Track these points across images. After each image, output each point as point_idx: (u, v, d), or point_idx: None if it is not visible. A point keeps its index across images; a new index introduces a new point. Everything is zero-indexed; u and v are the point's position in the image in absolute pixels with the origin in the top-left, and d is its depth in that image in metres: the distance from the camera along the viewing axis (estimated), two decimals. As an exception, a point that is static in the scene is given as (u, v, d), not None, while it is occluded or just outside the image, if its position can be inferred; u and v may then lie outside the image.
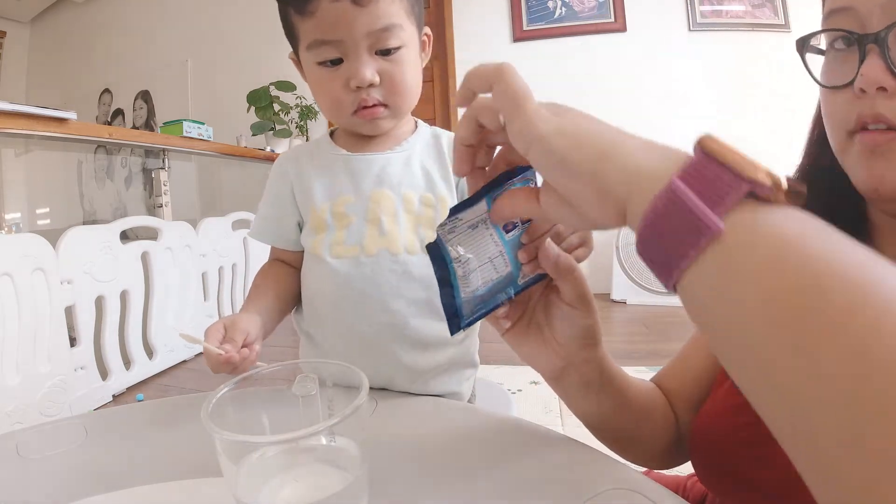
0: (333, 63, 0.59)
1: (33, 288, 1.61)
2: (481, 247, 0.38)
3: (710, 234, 0.22)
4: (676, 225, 0.23)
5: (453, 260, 0.38)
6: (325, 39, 0.58)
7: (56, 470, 0.45)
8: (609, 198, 0.27)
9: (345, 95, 0.60)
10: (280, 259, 0.72)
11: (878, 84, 0.35)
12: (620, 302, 2.98)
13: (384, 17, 0.57)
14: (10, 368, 1.54)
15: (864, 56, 0.35)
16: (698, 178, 0.24)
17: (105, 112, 4.21)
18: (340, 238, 0.63)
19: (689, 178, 0.24)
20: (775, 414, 0.20)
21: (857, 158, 0.38)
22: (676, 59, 3.01)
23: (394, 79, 0.60)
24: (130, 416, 0.57)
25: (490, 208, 0.37)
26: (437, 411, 0.53)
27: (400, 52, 0.60)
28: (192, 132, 2.59)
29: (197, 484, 0.41)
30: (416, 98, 0.65)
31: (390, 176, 0.64)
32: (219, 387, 0.36)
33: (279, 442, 0.33)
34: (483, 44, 3.25)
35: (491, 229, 0.38)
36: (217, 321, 0.57)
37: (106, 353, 1.96)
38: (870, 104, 0.36)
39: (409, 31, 0.60)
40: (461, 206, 0.37)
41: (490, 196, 0.37)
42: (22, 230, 3.48)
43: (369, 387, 0.34)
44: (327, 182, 0.66)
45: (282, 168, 0.70)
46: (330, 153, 0.68)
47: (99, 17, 4.17)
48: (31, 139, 2.01)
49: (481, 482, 0.40)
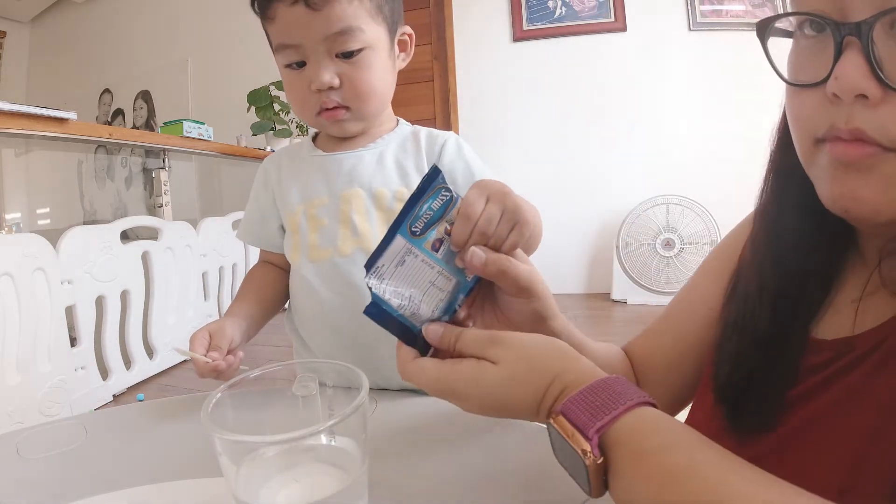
0: (298, 65, 0.60)
1: (34, 288, 1.61)
2: (417, 277, 0.39)
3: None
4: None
5: (397, 309, 0.38)
6: (285, 43, 0.59)
7: (56, 470, 0.45)
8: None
9: (308, 97, 0.61)
10: (268, 261, 0.74)
11: (856, 91, 0.28)
12: (620, 302, 2.98)
13: (340, 21, 0.57)
14: (11, 368, 1.54)
15: (841, 51, 0.28)
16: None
17: (105, 112, 4.21)
18: (315, 241, 0.64)
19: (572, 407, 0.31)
20: None
21: (824, 171, 0.32)
22: (676, 58, 3.00)
23: (354, 82, 0.60)
24: (130, 416, 0.57)
25: (409, 238, 0.38)
26: (437, 411, 0.53)
27: (362, 54, 0.59)
28: (193, 132, 2.58)
29: (197, 484, 0.41)
30: (384, 100, 0.65)
31: (361, 174, 0.64)
32: (219, 387, 0.36)
33: (279, 442, 0.33)
34: (483, 43, 3.25)
35: (421, 255, 0.38)
36: (202, 328, 0.58)
37: (106, 353, 1.96)
38: (845, 113, 0.29)
39: (372, 32, 0.60)
40: (376, 253, 0.38)
41: (404, 226, 0.38)
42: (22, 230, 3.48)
43: (369, 387, 0.34)
44: (302, 185, 0.67)
45: (265, 171, 0.72)
46: (308, 155, 0.69)
47: (99, 17, 4.17)
48: (32, 139, 2.01)
49: (481, 482, 0.40)
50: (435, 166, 0.38)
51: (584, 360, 0.34)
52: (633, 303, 2.94)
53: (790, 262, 0.38)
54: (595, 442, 0.28)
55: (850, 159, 0.29)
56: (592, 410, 0.29)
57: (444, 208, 0.39)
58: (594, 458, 0.28)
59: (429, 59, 3.37)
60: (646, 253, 2.91)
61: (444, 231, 0.39)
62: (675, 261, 2.85)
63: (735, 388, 0.40)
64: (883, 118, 0.28)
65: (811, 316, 0.38)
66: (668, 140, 3.03)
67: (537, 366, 0.34)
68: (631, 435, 0.28)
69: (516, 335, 0.35)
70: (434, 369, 0.36)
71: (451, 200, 0.39)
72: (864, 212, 0.30)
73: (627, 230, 2.95)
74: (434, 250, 0.39)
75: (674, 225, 2.87)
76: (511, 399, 0.34)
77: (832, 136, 0.30)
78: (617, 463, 0.28)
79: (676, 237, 2.86)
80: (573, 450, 0.29)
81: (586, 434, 0.29)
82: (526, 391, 0.33)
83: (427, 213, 0.38)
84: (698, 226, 2.81)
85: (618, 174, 3.11)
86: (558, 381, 0.33)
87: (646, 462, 0.27)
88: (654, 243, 2.89)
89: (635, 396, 0.30)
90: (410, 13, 3.53)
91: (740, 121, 2.83)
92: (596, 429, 0.28)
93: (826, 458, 0.33)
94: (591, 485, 0.29)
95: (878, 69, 0.27)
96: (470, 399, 0.35)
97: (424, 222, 0.38)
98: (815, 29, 0.31)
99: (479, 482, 0.40)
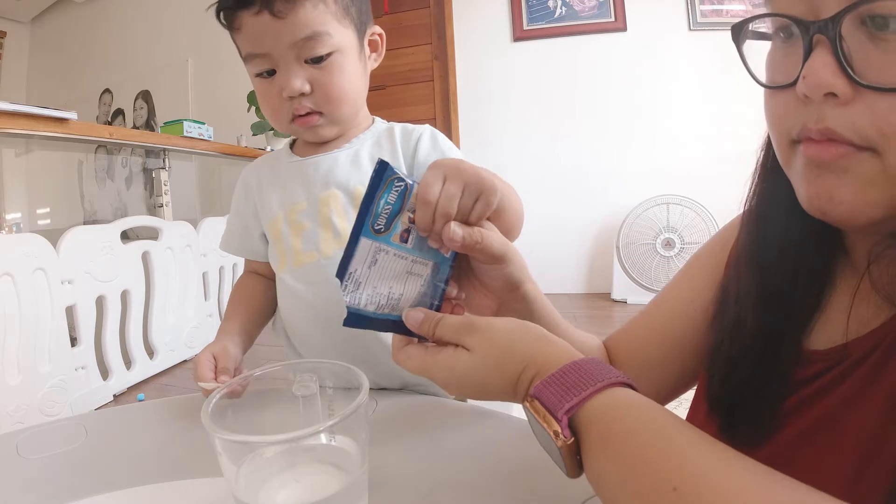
0: (269, 74, 0.60)
1: (34, 288, 1.61)
2: (393, 271, 0.39)
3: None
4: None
5: (376, 310, 0.39)
6: (254, 52, 0.59)
7: (56, 470, 0.45)
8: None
9: (280, 105, 0.61)
10: (254, 270, 0.74)
11: (825, 89, 0.27)
12: (621, 301, 2.98)
13: (307, 27, 0.56)
14: (12, 368, 1.54)
15: (811, 50, 0.28)
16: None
17: (105, 112, 4.20)
18: (298, 246, 0.64)
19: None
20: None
21: (800, 172, 0.31)
22: (677, 58, 3.00)
23: (325, 87, 0.60)
24: (130, 416, 0.57)
25: (374, 237, 0.38)
26: (437, 411, 0.53)
27: (332, 58, 0.59)
28: (193, 132, 2.58)
29: (197, 484, 0.41)
30: (357, 102, 0.64)
31: (336, 175, 0.64)
32: (218, 388, 0.36)
33: (279, 442, 0.33)
34: (483, 43, 3.25)
35: (391, 250, 0.39)
36: (204, 351, 0.58)
37: (107, 353, 1.96)
38: (816, 112, 0.29)
39: (341, 36, 0.59)
40: (345, 260, 0.38)
41: (366, 227, 0.38)
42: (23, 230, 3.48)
43: (369, 387, 0.34)
44: (281, 191, 0.67)
45: (245, 181, 0.72)
46: (286, 161, 0.69)
47: (99, 16, 4.17)
48: (32, 139, 2.01)
49: (481, 482, 0.40)
50: (380, 160, 0.38)
51: (558, 343, 0.35)
52: (633, 303, 2.94)
53: (778, 268, 0.38)
54: (565, 423, 0.29)
55: (824, 160, 0.29)
56: (563, 392, 0.30)
57: (401, 198, 0.38)
58: (565, 440, 0.29)
59: (429, 59, 3.37)
60: (646, 253, 2.91)
61: (408, 220, 0.39)
62: (676, 261, 2.85)
63: (728, 400, 0.40)
64: (853, 116, 0.27)
65: (803, 324, 0.38)
66: (668, 140, 3.03)
67: (510, 352, 0.35)
68: (600, 416, 0.29)
69: (490, 322, 0.36)
70: (417, 358, 0.38)
71: (407, 188, 0.39)
72: (841, 213, 0.29)
73: (628, 230, 2.95)
74: (403, 241, 0.39)
75: (674, 225, 2.86)
76: (487, 385, 0.35)
77: (805, 137, 0.30)
78: (587, 444, 0.29)
79: (677, 237, 2.86)
80: (546, 431, 0.30)
81: (556, 416, 0.29)
82: (500, 377, 0.34)
83: (385, 208, 0.38)
84: (699, 226, 2.81)
85: (618, 174, 3.11)
86: (531, 365, 0.33)
87: (613, 444, 0.28)
88: (654, 243, 2.89)
89: (609, 376, 0.30)
90: (410, 13, 3.55)
91: (741, 120, 2.83)
92: (565, 410, 0.29)
93: (824, 469, 0.33)
94: (566, 465, 0.30)
95: (847, 66, 0.27)
96: (449, 385, 0.37)
97: (386, 217, 0.38)
98: (785, 34, 0.31)
99: (479, 482, 0.40)
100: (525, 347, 0.35)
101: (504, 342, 0.35)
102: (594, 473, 0.29)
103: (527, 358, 0.34)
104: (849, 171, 0.28)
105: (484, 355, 0.35)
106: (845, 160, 0.28)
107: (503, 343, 0.35)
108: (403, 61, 3.40)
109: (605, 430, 0.28)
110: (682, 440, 0.27)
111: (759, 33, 0.33)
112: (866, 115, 0.27)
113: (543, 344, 0.35)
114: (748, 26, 0.33)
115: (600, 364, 0.32)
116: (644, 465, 0.26)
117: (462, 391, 0.37)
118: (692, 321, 0.48)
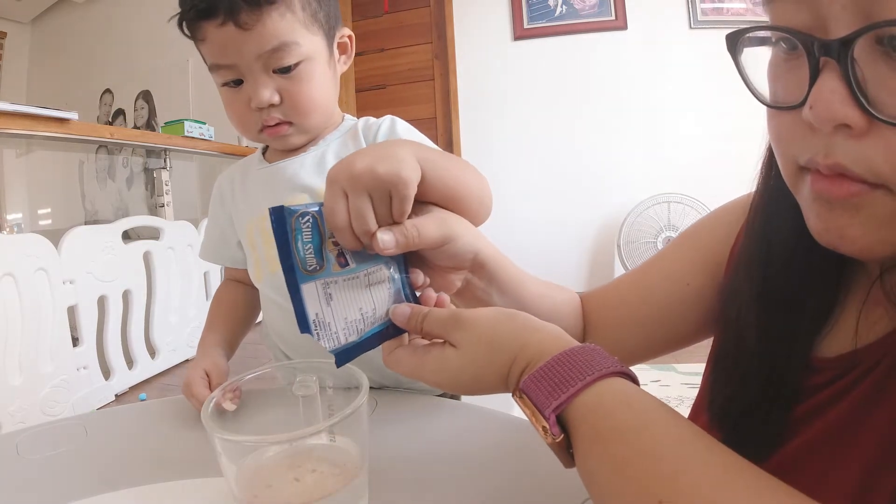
0: (235, 83, 0.58)
1: (36, 288, 1.61)
2: (352, 294, 0.37)
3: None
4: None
5: (359, 336, 0.37)
6: (219, 63, 0.57)
7: (56, 470, 0.45)
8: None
9: (248, 115, 0.59)
10: (233, 278, 0.74)
11: (834, 121, 0.24)
12: (622, 300, 2.98)
13: (273, 38, 0.55)
14: (13, 368, 1.55)
15: (818, 73, 0.24)
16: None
17: (106, 112, 4.20)
18: (272, 255, 0.63)
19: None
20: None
21: (809, 203, 0.29)
22: (677, 56, 2.99)
23: (294, 97, 0.58)
24: (130, 416, 0.57)
25: (314, 277, 0.36)
26: (437, 411, 0.53)
27: (300, 67, 0.57)
28: (194, 132, 2.59)
29: (197, 484, 0.41)
30: (327, 111, 0.63)
31: (302, 178, 0.63)
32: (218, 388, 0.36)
33: (279, 442, 0.32)
34: (484, 42, 3.24)
35: (339, 278, 0.36)
36: (194, 368, 0.58)
37: (108, 353, 1.97)
38: (825, 145, 0.25)
39: (309, 43, 0.58)
40: (300, 314, 0.35)
41: (299, 275, 0.35)
42: (24, 230, 3.49)
43: (369, 387, 0.34)
44: (251, 200, 0.66)
45: (220, 190, 0.71)
46: (255, 168, 0.68)
47: (100, 17, 4.17)
48: (33, 139, 2.02)
49: (481, 482, 0.40)
50: (270, 208, 0.35)
51: (547, 330, 0.34)
52: (634, 301, 2.94)
53: (785, 273, 0.36)
54: (553, 421, 0.28)
55: (834, 196, 0.26)
56: (552, 388, 0.29)
57: (316, 229, 0.36)
58: (553, 437, 0.28)
59: (429, 59, 3.37)
60: (647, 251, 2.91)
61: (334, 245, 0.37)
62: (677, 259, 2.85)
63: (734, 413, 0.38)
64: (867, 151, 0.24)
65: (812, 331, 0.36)
66: (668, 138, 3.03)
67: (497, 345, 0.34)
68: (589, 413, 0.28)
69: (476, 315, 0.35)
70: (406, 362, 0.37)
71: (315, 218, 0.36)
72: (852, 250, 0.27)
73: (629, 228, 2.94)
74: (343, 265, 0.37)
75: (675, 223, 2.86)
76: (479, 381, 0.34)
77: (813, 168, 0.27)
78: (577, 441, 0.28)
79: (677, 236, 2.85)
80: (536, 427, 0.30)
81: (544, 414, 0.29)
82: (490, 371, 0.34)
83: (306, 248, 0.35)
84: (700, 224, 2.80)
85: (618, 172, 3.11)
86: (520, 357, 0.32)
87: (601, 443, 0.27)
88: (655, 241, 2.89)
89: (602, 367, 0.29)
90: (411, 12, 3.55)
91: (741, 118, 2.82)
92: (552, 408, 0.28)
93: (832, 479, 0.32)
94: (559, 459, 0.30)
95: (861, 94, 0.23)
96: (441, 385, 0.36)
97: (312, 256, 0.36)
98: (788, 45, 0.27)
99: (479, 482, 0.40)
100: (512, 339, 0.33)
101: (491, 336, 0.34)
102: (584, 471, 0.29)
103: (514, 350, 0.33)
104: (861, 209, 0.26)
105: (473, 352, 0.34)
106: (857, 199, 0.25)
107: (489, 336, 0.34)
108: (404, 60, 3.40)
109: (594, 429, 0.27)
110: (675, 443, 0.25)
111: (759, 39, 0.29)
112: (881, 151, 0.24)
113: (531, 333, 0.34)
114: (746, 35, 0.29)
115: (593, 352, 0.30)
116: (631, 471, 0.25)
117: (456, 390, 0.36)
118: (679, 294, 0.47)
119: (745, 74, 0.30)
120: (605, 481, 0.27)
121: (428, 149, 0.40)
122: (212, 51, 0.57)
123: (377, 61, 3.42)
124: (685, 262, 0.49)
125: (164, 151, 2.47)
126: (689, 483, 0.23)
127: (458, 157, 0.46)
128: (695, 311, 0.48)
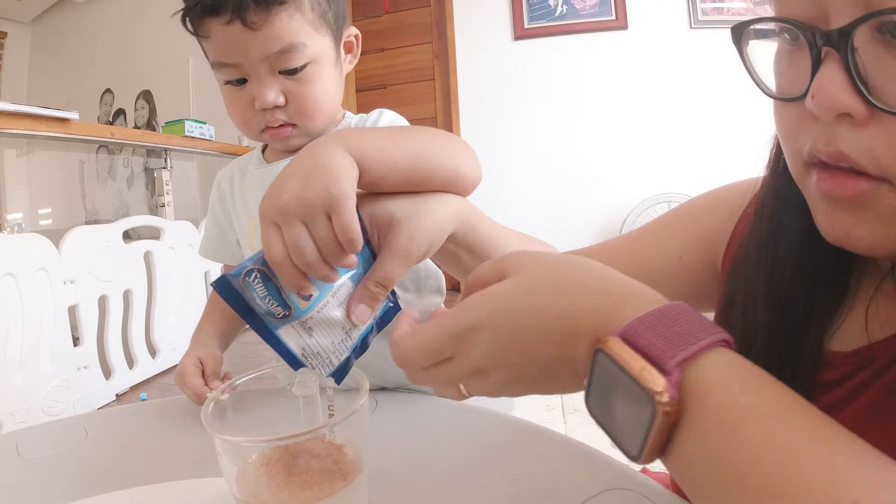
0: (239, 82, 0.57)
1: (36, 288, 1.61)
2: (331, 317, 0.37)
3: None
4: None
5: (351, 351, 0.38)
6: (223, 62, 0.56)
7: (56, 470, 0.45)
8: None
9: (251, 115, 0.58)
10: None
11: (835, 110, 0.24)
12: (622, 300, 2.98)
13: (282, 38, 0.53)
14: (14, 368, 1.55)
15: (819, 63, 0.24)
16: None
17: (107, 112, 4.21)
18: None
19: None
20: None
21: (816, 201, 0.29)
22: (678, 56, 2.99)
23: (300, 100, 0.57)
24: (130, 416, 0.57)
25: (285, 322, 0.36)
26: (437, 411, 0.53)
27: (307, 69, 0.56)
28: (194, 132, 2.59)
29: (197, 484, 0.41)
30: (331, 114, 0.62)
31: None
32: (218, 388, 0.36)
33: (279, 442, 0.32)
34: (484, 42, 3.24)
35: (312, 313, 0.36)
36: (188, 357, 0.57)
37: (109, 353, 1.97)
38: (827, 133, 0.25)
39: (317, 45, 0.57)
40: (288, 358, 0.36)
41: (271, 326, 0.35)
42: (24, 230, 3.49)
43: (369, 387, 0.34)
44: (249, 200, 0.66)
45: (219, 188, 0.71)
46: (254, 168, 0.67)
47: (100, 17, 4.17)
48: (33, 139, 2.02)
49: (481, 482, 0.40)
50: (213, 285, 0.34)
51: (629, 278, 0.27)
52: (634, 301, 2.94)
53: (794, 269, 0.35)
54: (675, 379, 0.21)
55: (838, 194, 0.26)
56: (669, 337, 0.22)
57: (267, 280, 0.35)
58: (672, 403, 0.21)
59: (430, 58, 3.37)
60: (648, 251, 2.91)
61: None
62: (677, 259, 2.85)
63: None
64: (869, 140, 0.24)
65: (824, 326, 0.35)
66: (669, 138, 3.02)
67: (570, 276, 0.26)
68: (720, 380, 0.21)
69: (536, 252, 0.28)
70: (431, 326, 0.28)
71: (260, 270, 0.34)
72: (860, 249, 0.27)
73: (629, 228, 2.94)
74: (308, 298, 0.36)
75: (676, 223, 2.86)
76: (536, 313, 0.26)
77: (816, 160, 0.27)
78: (693, 419, 0.21)
79: (678, 235, 2.85)
80: (637, 390, 0.21)
81: (663, 367, 0.21)
82: (556, 304, 0.25)
83: (267, 301, 0.35)
84: (700, 224, 2.80)
85: (619, 172, 3.10)
86: (603, 293, 0.25)
87: (734, 432, 0.20)
88: (655, 242, 2.89)
89: (713, 330, 0.22)
90: (411, 11, 3.54)
91: (742, 118, 2.82)
92: (677, 361, 0.21)
93: None
94: (645, 444, 0.22)
95: (861, 83, 0.23)
96: (480, 325, 0.26)
97: (277, 304, 0.35)
98: (791, 36, 0.27)
99: (479, 482, 0.40)
100: (588, 271, 0.26)
101: (562, 265, 0.27)
102: (703, 458, 0.21)
103: (593, 285, 0.26)
104: (867, 208, 0.26)
105: (534, 274, 0.26)
106: (863, 199, 0.25)
107: (560, 265, 0.27)
108: (404, 60, 3.40)
109: (727, 404, 0.21)
110: (828, 445, 0.20)
111: (763, 32, 0.29)
112: (882, 140, 0.24)
113: (612, 273, 0.27)
114: (750, 27, 0.29)
115: (697, 312, 0.23)
116: (805, 460, 0.19)
117: (501, 348, 0.26)
118: (670, 268, 0.47)
119: (750, 67, 0.30)
120: (720, 486, 0.20)
121: (370, 135, 0.38)
122: (216, 49, 0.55)
123: (377, 61, 3.42)
124: (679, 236, 0.48)
125: (165, 151, 2.47)
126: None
127: (425, 129, 0.42)
128: (683, 287, 0.47)
